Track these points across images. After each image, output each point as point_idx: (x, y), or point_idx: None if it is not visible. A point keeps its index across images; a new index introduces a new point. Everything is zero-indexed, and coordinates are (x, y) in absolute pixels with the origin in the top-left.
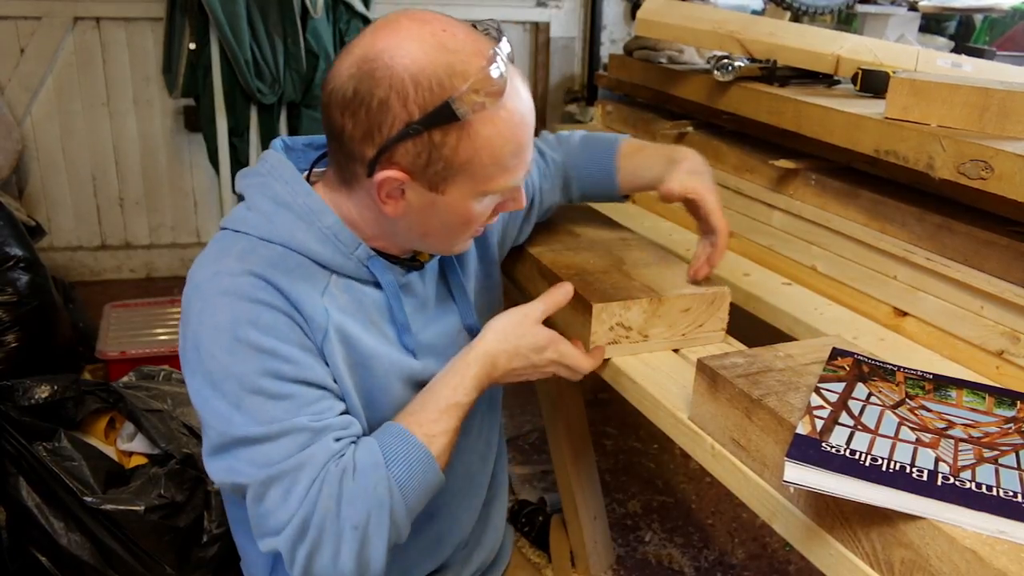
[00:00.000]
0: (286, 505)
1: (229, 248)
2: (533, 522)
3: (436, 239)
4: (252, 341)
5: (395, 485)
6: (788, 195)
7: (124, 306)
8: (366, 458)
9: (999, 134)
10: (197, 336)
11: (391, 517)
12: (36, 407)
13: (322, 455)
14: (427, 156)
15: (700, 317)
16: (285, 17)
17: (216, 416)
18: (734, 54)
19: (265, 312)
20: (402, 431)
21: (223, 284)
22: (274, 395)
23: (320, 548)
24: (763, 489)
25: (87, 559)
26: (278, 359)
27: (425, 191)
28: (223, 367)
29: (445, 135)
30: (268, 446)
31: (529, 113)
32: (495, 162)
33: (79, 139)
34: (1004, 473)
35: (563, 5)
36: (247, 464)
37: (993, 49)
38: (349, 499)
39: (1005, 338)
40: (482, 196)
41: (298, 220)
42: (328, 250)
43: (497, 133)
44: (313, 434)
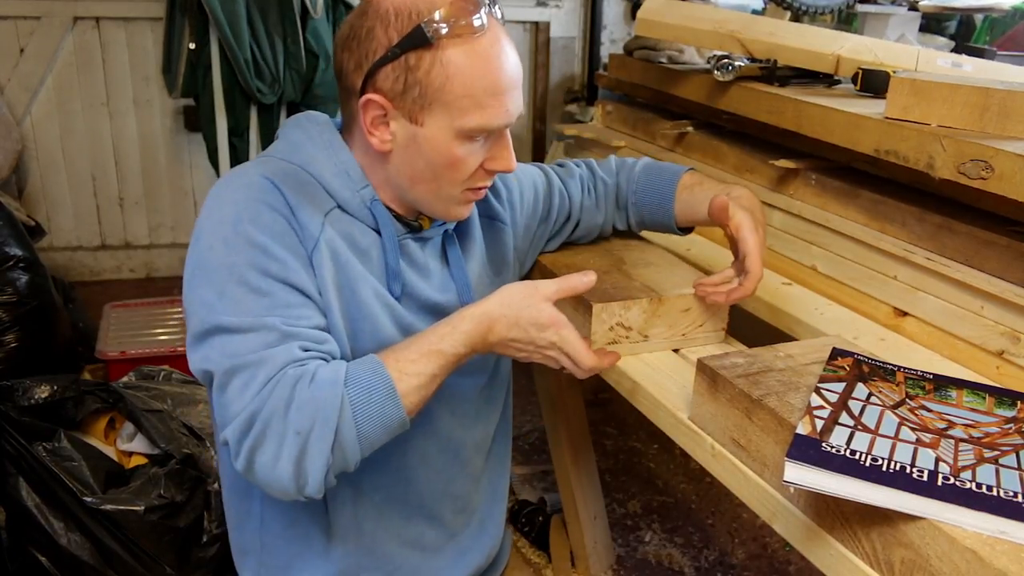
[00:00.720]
0: (241, 398)
1: (254, 162)
2: (533, 522)
3: (425, 187)
4: (248, 235)
5: (348, 405)
6: (788, 195)
7: (124, 306)
8: (327, 374)
9: (999, 134)
10: (200, 228)
11: (336, 434)
12: (36, 407)
13: (282, 357)
14: (403, 80)
15: (700, 317)
16: (285, 17)
17: (200, 304)
18: (734, 54)
19: (266, 212)
20: (374, 360)
21: (236, 183)
22: (255, 289)
23: (262, 445)
24: (763, 489)
25: (87, 559)
26: (267, 256)
27: (406, 123)
28: (217, 256)
29: (419, 59)
30: (238, 337)
31: (510, 65)
32: (468, 94)
33: (79, 139)
34: (1004, 473)
35: (563, 5)
36: (218, 352)
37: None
38: (298, 405)
39: (1005, 338)
40: (463, 137)
41: (318, 150)
42: (338, 181)
43: (470, 64)
44: (281, 336)
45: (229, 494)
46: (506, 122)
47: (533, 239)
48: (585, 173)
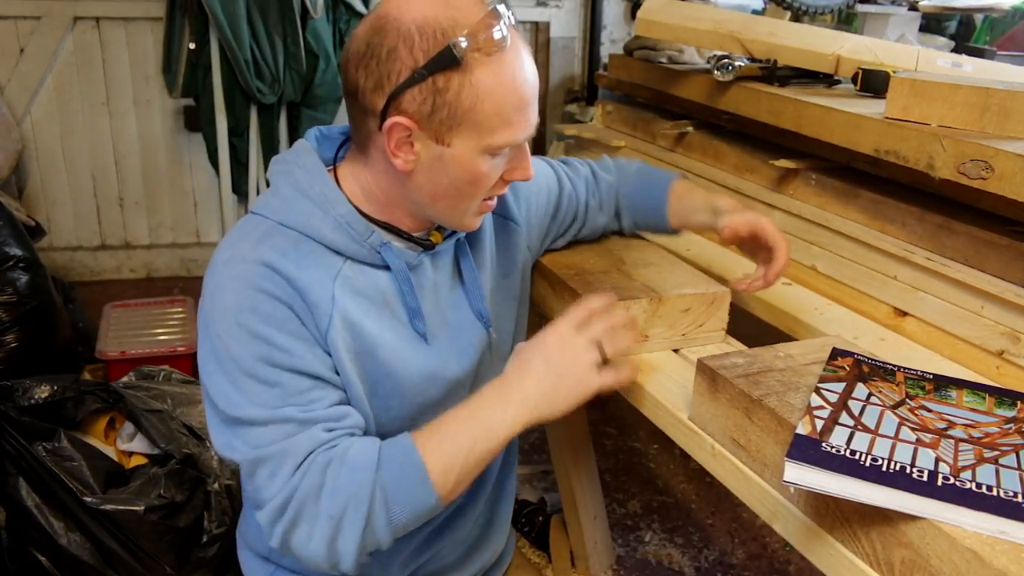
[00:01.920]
0: (269, 486)
1: (250, 232)
2: (533, 522)
3: (446, 203)
4: (250, 327)
5: (380, 493)
6: (788, 195)
7: (124, 306)
8: (360, 456)
9: (999, 134)
10: (208, 314)
11: (368, 520)
12: (36, 407)
13: (306, 444)
14: (432, 102)
15: (700, 317)
16: (285, 17)
17: (217, 391)
18: (734, 54)
19: (265, 301)
20: (408, 446)
21: (235, 270)
22: (265, 381)
23: (295, 529)
24: (763, 489)
25: (87, 559)
26: (272, 347)
27: (432, 143)
28: (225, 347)
29: (448, 80)
30: (258, 430)
31: (532, 75)
32: (497, 112)
33: (79, 139)
34: (1004, 473)
35: (563, 5)
36: (241, 442)
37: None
38: (330, 491)
39: (1005, 338)
40: (488, 153)
41: (314, 208)
42: (341, 237)
43: (499, 83)
44: (299, 425)
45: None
46: (530, 134)
47: (544, 238)
48: (589, 173)
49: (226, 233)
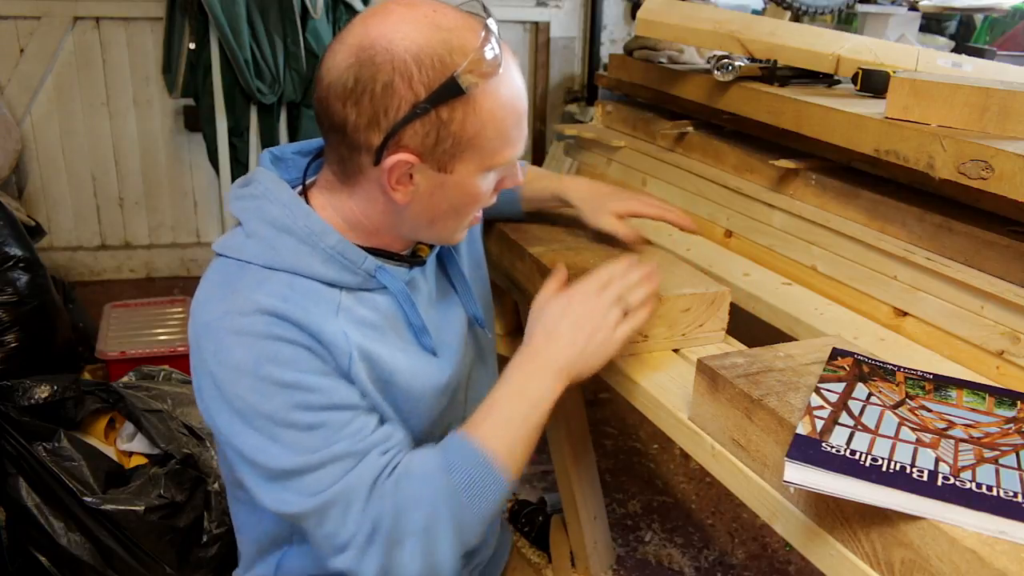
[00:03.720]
0: (346, 524)
1: (234, 282)
2: (533, 522)
3: (443, 224)
4: (276, 378)
5: (457, 493)
6: (788, 195)
7: (124, 306)
8: (425, 466)
9: (1000, 134)
10: (216, 377)
11: (455, 522)
12: (36, 407)
13: (369, 473)
14: (435, 135)
15: (700, 317)
16: (285, 17)
17: (254, 450)
18: (734, 54)
19: (284, 347)
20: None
21: (235, 324)
22: (307, 426)
23: (390, 555)
24: (763, 489)
25: (87, 559)
26: (303, 390)
27: (434, 172)
28: (251, 406)
29: (452, 111)
30: (313, 476)
31: (523, 86)
32: (499, 135)
33: (79, 139)
34: (1004, 473)
35: (563, 5)
36: (296, 495)
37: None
38: (411, 507)
39: (1005, 338)
40: (487, 172)
41: (301, 244)
42: (333, 270)
43: (499, 105)
44: (356, 457)
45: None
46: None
47: None
48: None
49: (201, 285)
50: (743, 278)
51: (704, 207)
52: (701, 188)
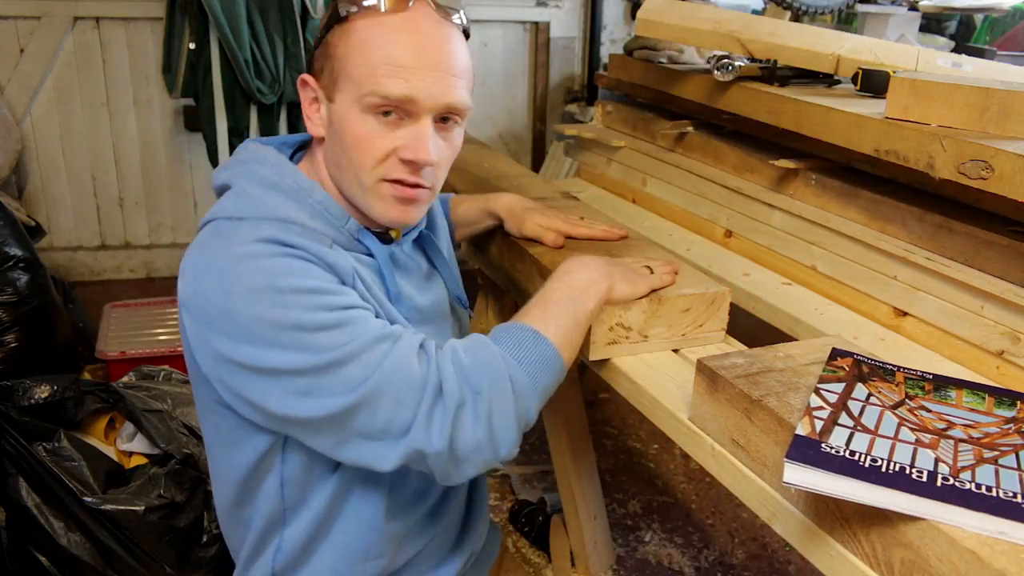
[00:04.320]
0: (404, 404)
1: (229, 232)
2: (533, 522)
3: (345, 175)
4: (294, 286)
5: (510, 358)
6: (788, 195)
7: (124, 306)
8: (469, 341)
9: (999, 134)
10: (229, 309)
11: (512, 385)
12: (36, 407)
13: (409, 348)
14: (323, 58)
15: (700, 317)
16: (285, 17)
17: (286, 363)
18: (734, 54)
19: (294, 260)
20: (505, 323)
21: (239, 252)
22: (334, 324)
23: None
24: (763, 489)
25: (87, 559)
26: (325, 293)
27: (328, 103)
28: (274, 323)
29: (333, 36)
30: (352, 367)
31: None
32: (365, 63)
33: (79, 139)
34: (1004, 474)
35: (563, 5)
36: (342, 391)
37: (993, 49)
38: (467, 371)
39: (1005, 338)
40: (365, 110)
41: (288, 200)
42: (322, 224)
43: (372, 36)
44: (391, 338)
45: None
46: (407, 94)
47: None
48: None
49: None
50: (743, 278)
51: (704, 207)
52: (701, 188)
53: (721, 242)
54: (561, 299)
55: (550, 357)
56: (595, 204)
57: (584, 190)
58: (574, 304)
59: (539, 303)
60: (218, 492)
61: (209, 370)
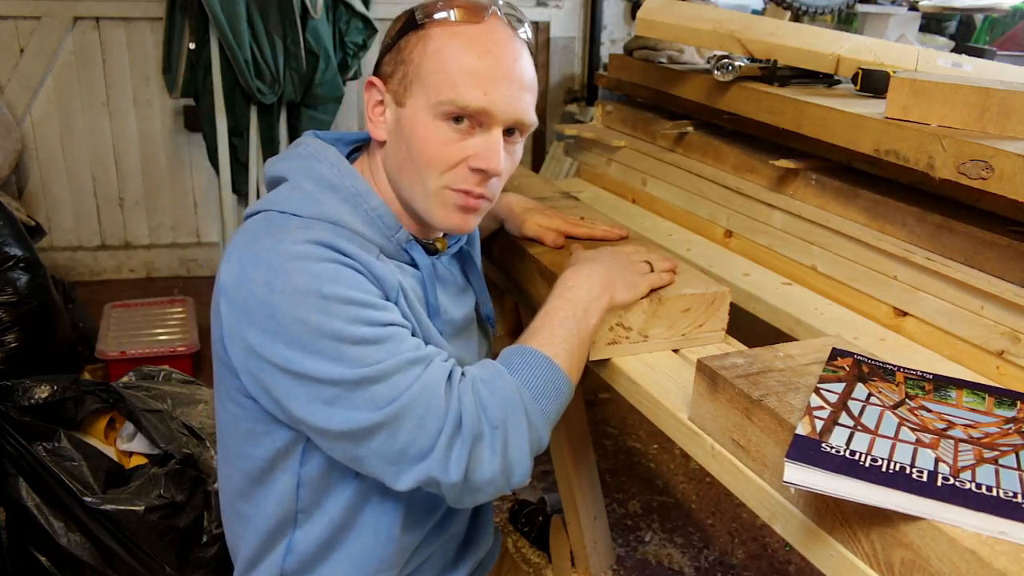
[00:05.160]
0: (425, 430)
1: (279, 224)
2: (533, 522)
3: (409, 177)
4: (340, 295)
5: (525, 390)
6: (788, 195)
7: (124, 306)
8: (486, 371)
9: (999, 134)
10: (271, 305)
11: (527, 417)
12: (36, 407)
13: (440, 374)
14: (394, 63)
15: (700, 317)
16: (285, 17)
17: (318, 371)
18: (734, 54)
19: (343, 269)
20: (517, 347)
21: (290, 251)
22: (374, 339)
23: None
24: (763, 489)
25: (87, 559)
26: (368, 307)
27: (395, 106)
28: (314, 328)
29: (408, 41)
30: (383, 385)
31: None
32: (442, 69)
33: (79, 139)
34: (1004, 473)
35: (563, 5)
36: (369, 407)
37: (993, 49)
38: (486, 404)
39: (1005, 338)
40: (437, 117)
41: (343, 203)
42: (372, 231)
43: (450, 45)
44: (423, 363)
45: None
46: (483, 106)
47: None
48: None
49: (238, 234)
50: (743, 278)
51: (704, 207)
52: (701, 188)
53: (721, 242)
54: (566, 319)
55: (561, 384)
56: (595, 204)
57: (584, 190)
58: (578, 324)
59: (546, 323)
60: (225, 481)
61: (239, 361)
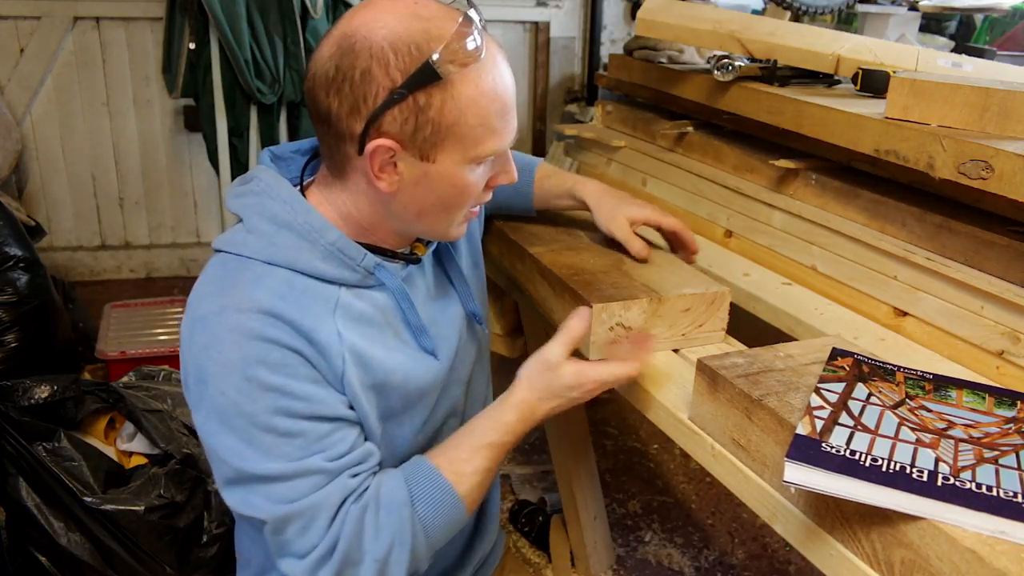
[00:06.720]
0: (304, 540)
1: (233, 277)
2: (533, 522)
3: (433, 218)
4: (262, 380)
5: (419, 524)
6: (788, 195)
7: (124, 306)
8: (391, 495)
9: (999, 134)
10: (203, 371)
11: (412, 553)
12: (36, 407)
13: (338, 494)
14: (414, 121)
15: (700, 317)
16: (285, 17)
17: (227, 451)
18: (734, 54)
19: (274, 350)
20: (431, 470)
21: (230, 321)
22: (286, 433)
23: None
24: (763, 489)
25: (87, 559)
26: (288, 397)
27: (417, 161)
28: (233, 404)
29: (429, 97)
30: (283, 485)
31: (510, 80)
32: (481, 123)
33: (79, 139)
34: (1004, 473)
35: (563, 5)
36: (263, 500)
37: (993, 49)
38: (371, 535)
39: (1005, 338)
40: (473, 163)
41: (301, 240)
42: (332, 266)
43: (480, 93)
44: (328, 475)
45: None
46: (513, 138)
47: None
48: None
49: (199, 279)
50: (743, 278)
51: (704, 207)
52: (701, 188)
53: (721, 242)
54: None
55: (458, 522)
56: None
57: None
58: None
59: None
60: None
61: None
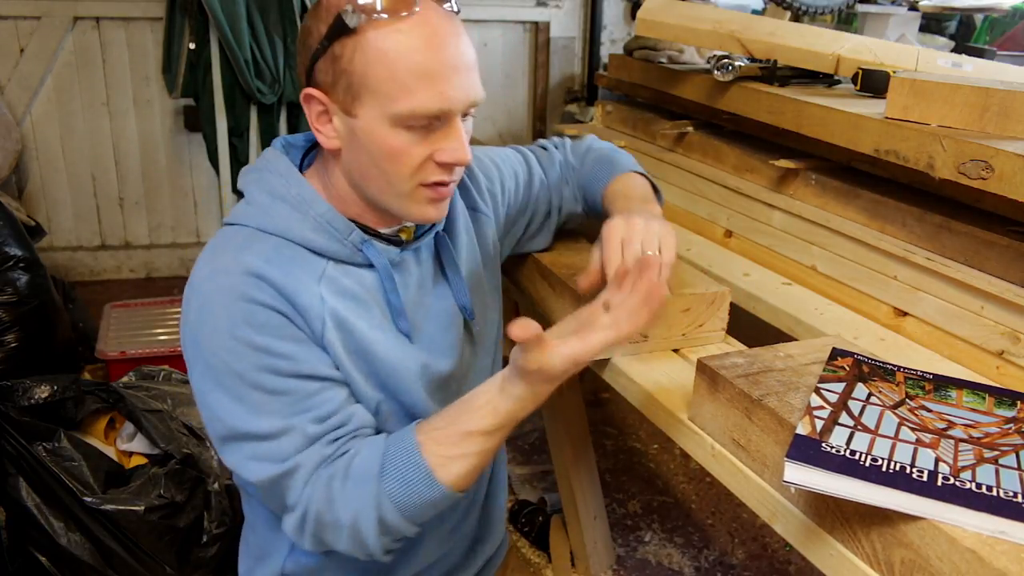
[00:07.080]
0: (288, 497)
1: (227, 242)
2: (533, 522)
3: (377, 185)
4: (248, 339)
5: (386, 498)
6: (788, 195)
7: (124, 306)
8: (361, 466)
9: (999, 134)
10: (196, 332)
11: (380, 523)
12: (36, 407)
13: (312, 460)
14: (332, 71)
15: (700, 317)
16: (285, 17)
17: (219, 408)
18: (734, 54)
19: (259, 311)
20: (411, 448)
21: (219, 283)
22: (273, 390)
23: (322, 535)
24: (763, 489)
25: (87, 559)
26: (273, 356)
27: (344, 116)
28: (223, 363)
29: (343, 48)
30: (268, 444)
31: (444, 47)
32: (392, 77)
33: (79, 139)
34: (1004, 473)
35: (563, 5)
36: (251, 459)
37: (993, 49)
38: (339, 503)
39: (1005, 338)
40: (396, 125)
41: (293, 211)
42: (322, 238)
43: (392, 48)
44: (308, 439)
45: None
46: (443, 107)
47: (511, 229)
48: (562, 159)
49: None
50: (743, 278)
51: (704, 207)
52: (701, 188)
53: (721, 242)
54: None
55: (438, 500)
56: None
57: None
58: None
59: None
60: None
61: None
